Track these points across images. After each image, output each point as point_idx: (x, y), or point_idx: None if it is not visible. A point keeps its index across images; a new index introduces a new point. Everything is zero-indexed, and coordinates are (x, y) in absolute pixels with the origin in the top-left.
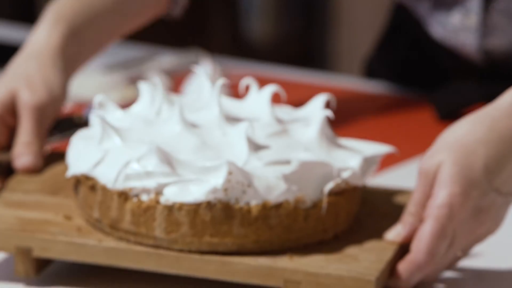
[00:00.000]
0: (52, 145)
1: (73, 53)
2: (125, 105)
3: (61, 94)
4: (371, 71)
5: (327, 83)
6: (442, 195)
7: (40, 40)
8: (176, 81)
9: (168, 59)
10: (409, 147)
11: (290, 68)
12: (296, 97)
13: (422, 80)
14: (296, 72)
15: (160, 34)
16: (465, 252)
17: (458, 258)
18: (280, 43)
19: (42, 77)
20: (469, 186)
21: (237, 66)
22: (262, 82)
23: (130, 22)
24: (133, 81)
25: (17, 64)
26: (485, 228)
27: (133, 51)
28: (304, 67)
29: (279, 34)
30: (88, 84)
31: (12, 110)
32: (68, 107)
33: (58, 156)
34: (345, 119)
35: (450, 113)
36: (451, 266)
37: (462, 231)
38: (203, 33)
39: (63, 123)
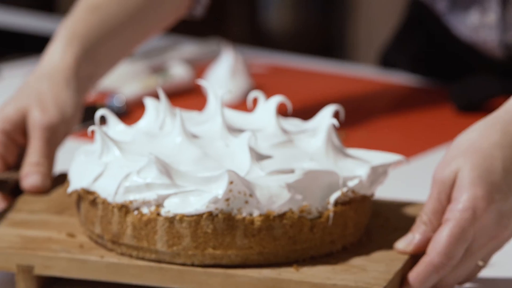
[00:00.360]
0: (75, 133)
1: (87, 74)
2: (148, 94)
3: (73, 115)
4: (388, 61)
5: (346, 72)
6: (464, 198)
7: (54, 60)
8: (198, 71)
9: (190, 48)
10: (428, 137)
11: (309, 58)
12: (316, 87)
13: (441, 72)
14: (316, 61)
15: (179, 24)
16: (486, 262)
17: (479, 269)
18: (298, 33)
19: (54, 97)
20: (491, 189)
21: (257, 55)
22: (282, 71)
23: (149, 32)
24: (155, 70)
25: (30, 83)
26: (507, 234)
27: (155, 41)
28: (322, 57)
29: (298, 24)
30: (112, 72)
31: (22, 129)
32: (91, 96)
33: (65, 177)
34: (363, 109)
35: (469, 106)
36: (471, 277)
37: (482, 236)
38: (222, 23)
39: (86, 112)
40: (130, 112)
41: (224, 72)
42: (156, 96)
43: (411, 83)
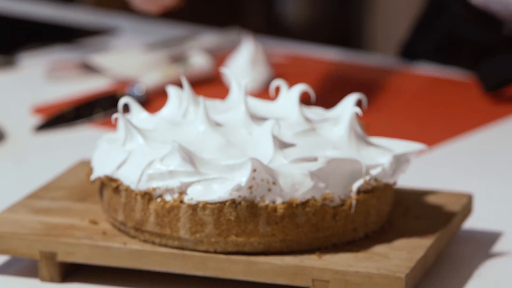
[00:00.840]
0: (96, 122)
1: None
2: (167, 83)
3: None
4: (409, 52)
5: (365, 62)
6: None
7: None
8: (218, 60)
9: (210, 38)
10: (449, 126)
11: (328, 48)
12: (335, 77)
13: (463, 60)
14: (335, 51)
15: (196, 13)
16: None
17: None
18: (315, 24)
19: None
20: None
21: (276, 45)
22: (301, 61)
23: None
24: (175, 60)
25: None
26: None
27: (174, 30)
28: (340, 48)
29: (315, 14)
30: (131, 62)
31: None
32: (111, 85)
33: (87, 164)
34: (383, 98)
35: (496, 86)
36: None
37: None
38: (240, 14)
39: (106, 100)
40: (150, 101)
41: (244, 61)
42: (176, 85)
43: (431, 73)
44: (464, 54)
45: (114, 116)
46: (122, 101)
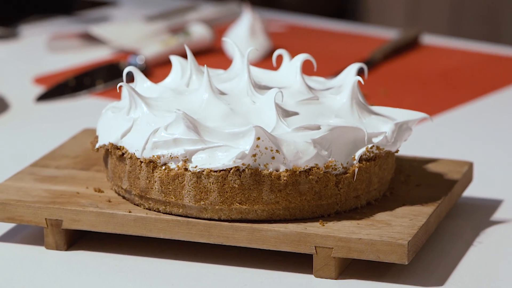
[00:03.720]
0: (99, 92)
1: None
2: (167, 53)
3: None
4: None
5: (361, 32)
6: None
7: None
8: (217, 31)
9: (209, 9)
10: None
11: (325, 19)
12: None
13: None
14: (331, 22)
15: None
16: None
17: None
18: None
19: None
20: None
21: (274, 17)
22: (300, 31)
23: None
24: (175, 31)
25: None
26: None
27: (174, 1)
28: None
29: None
30: (131, 33)
31: None
32: (112, 55)
33: (91, 133)
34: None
35: None
36: None
37: None
38: None
39: (108, 70)
40: (150, 71)
41: (244, 32)
42: (175, 55)
43: (433, 43)
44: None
45: (119, 84)
46: (126, 70)
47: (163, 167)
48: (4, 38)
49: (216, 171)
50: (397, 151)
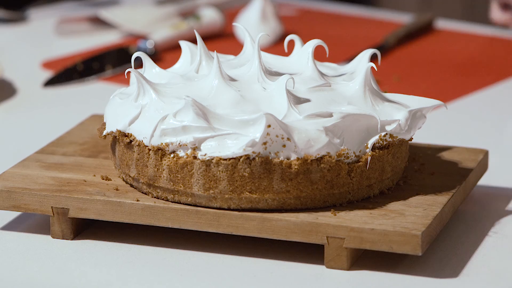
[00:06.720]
0: (107, 77)
1: None
2: (177, 38)
3: None
4: None
5: (374, 17)
6: None
7: None
8: (228, 16)
9: None
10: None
11: (339, 3)
12: (346, 31)
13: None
14: (342, 6)
15: None
16: None
17: None
18: None
19: None
20: None
21: (286, 1)
22: (311, 15)
23: None
24: (185, 15)
25: None
26: None
27: None
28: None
29: None
30: (141, 17)
31: None
32: (121, 40)
33: (99, 120)
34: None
35: None
36: None
37: None
38: None
39: (117, 55)
40: (160, 56)
41: (255, 16)
42: (185, 40)
43: (447, 28)
44: None
45: (127, 70)
46: (134, 56)
47: (172, 155)
48: (12, 21)
49: (225, 159)
50: (411, 139)
